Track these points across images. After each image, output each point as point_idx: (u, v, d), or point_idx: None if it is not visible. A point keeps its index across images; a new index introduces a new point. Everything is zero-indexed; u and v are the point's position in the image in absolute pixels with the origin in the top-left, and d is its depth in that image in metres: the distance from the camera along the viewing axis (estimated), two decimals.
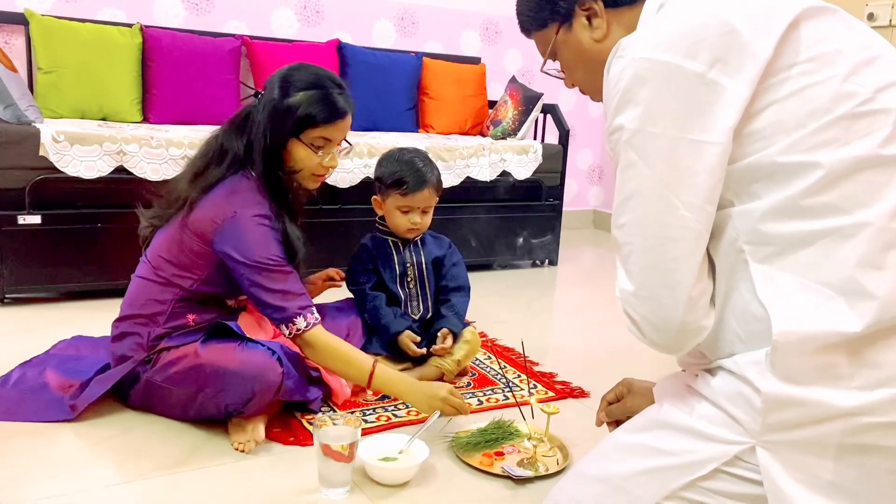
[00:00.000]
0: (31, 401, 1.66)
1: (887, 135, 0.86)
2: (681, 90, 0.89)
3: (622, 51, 0.94)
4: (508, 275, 3.37)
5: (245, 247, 1.55)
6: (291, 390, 1.59)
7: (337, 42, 3.54)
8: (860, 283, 0.84)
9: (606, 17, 1.05)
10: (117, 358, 1.66)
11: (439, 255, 2.06)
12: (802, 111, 0.88)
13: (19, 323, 2.30)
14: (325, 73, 1.65)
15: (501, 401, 1.86)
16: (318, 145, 1.63)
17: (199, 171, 1.64)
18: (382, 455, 1.47)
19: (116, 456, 1.50)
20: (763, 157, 0.89)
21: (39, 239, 2.42)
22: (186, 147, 2.55)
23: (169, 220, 1.66)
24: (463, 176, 3.18)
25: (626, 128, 0.92)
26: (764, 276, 0.89)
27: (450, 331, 1.96)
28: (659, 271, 0.93)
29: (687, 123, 0.89)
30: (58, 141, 2.37)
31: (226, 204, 1.57)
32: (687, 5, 0.94)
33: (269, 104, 1.60)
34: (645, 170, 0.92)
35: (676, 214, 0.91)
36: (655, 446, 1.00)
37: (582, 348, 2.38)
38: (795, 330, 0.85)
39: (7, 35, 3.02)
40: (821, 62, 0.89)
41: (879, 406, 0.83)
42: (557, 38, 1.10)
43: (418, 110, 3.76)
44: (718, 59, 0.88)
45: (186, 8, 3.37)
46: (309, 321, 1.57)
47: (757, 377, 0.89)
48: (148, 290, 1.64)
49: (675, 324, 0.93)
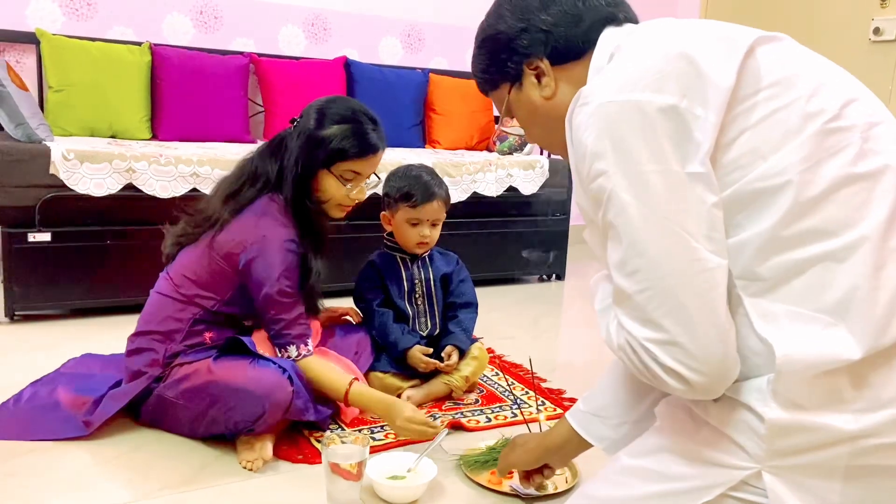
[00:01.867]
0: (45, 419, 1.66)
1: (857, 151, 0.86)
2: (657, 124, 0.87)
3: (584, 98, 0.92)
4: (515, 290, 3.37)
5: (268, 272, 1.59)
6: (301, 410, 1.59)
7: (344, 59, 3.57)
8: (857, 307, 0.83)
9: (554, 74, 1.06)
10: (132, 373, 1.66)
11: (447, 272, 2.07)
12: (775, 134, 0.87)
13: (29, 340, 2.31)
14: (361, 107, 1.70)
15: (510, 418, 1.86)
16: (348, 178, 1.67)
17: (233, 192, 1.66)
18: (391, 473, 1.47)
19: (124, 474, 1.50)
20: (743, 185, 0.88)
21: (49, 256, 2.43)
22: (195, 164, 2.57)
23: (198, 239, 1.67)
24: (470, 191, 3.19)
25: (609, 172, 0.89)
26: (759, 310, 0.88)
27: (455, 347, 1.96)
28: (687, 309, 0.87)
29: (672, 156, 0.87)
30: (68, 159, 2.39)
31: (255, 227, 1.60)
32: (641, 47, 0.95)
33: (303, 133, 1.64)
34: (644, 210, 0.87)
35: (689, 247, 0.86)
36: (661, 471, 0.99)
37: (590, 364, 2.37)
38: (798, 357, 0.84)
39: (18, 54, 3.05)
40: (783, 86, 0.89)
41: (884, 427, 0.83)
42: (510, 98, 1.11)
43: (425, 126, 3.78)
44: (688, 89, 0.87)
45: (195, 26, 3.40)
46: (301, 352, 1.64)
47: (759, 404, 0.88)
48: (167, 307, 1.65)
49: (716, 359, 0.87)
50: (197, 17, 3.40)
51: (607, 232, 0.92)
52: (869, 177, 0.86)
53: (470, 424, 1.81)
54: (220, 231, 1.62)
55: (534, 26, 1.04)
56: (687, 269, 0.87)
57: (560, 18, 1.03)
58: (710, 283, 0.87)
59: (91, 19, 3.17)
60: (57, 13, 3.10)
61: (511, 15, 1.06)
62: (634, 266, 0.89)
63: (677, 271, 0.87)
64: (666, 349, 0.87)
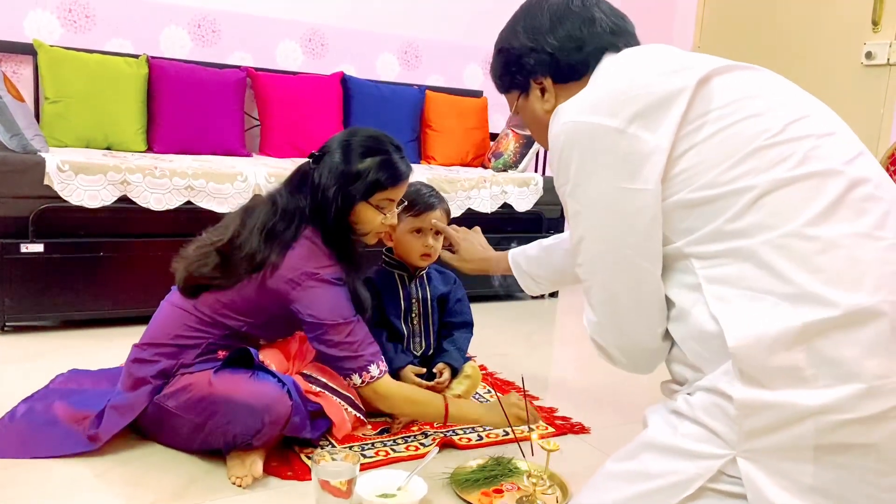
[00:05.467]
0: (44, 435, 1.64)
1: (800, 158, 0.96)
2: (605, 145, 1.02)
3: (557, 114, 1.09)
4: (509, 307, 3.37)
5: (323, 307, 1.60)
6: (298, 426, 1.59)
7: (341, 75, 3.59)
8: (799, 287, 0.91)
9: (555, 91, 1.21)
10: (136, 379, 1.61)
11: (444, 292, 2.06)
12: (720, 151, 0.99)
13: (20, 351, 2.29)
14: (384, 136, 1.75)
15: (501, 436, 1.85)
16: (383, 206, 1.71)
17: (272, 230, 1.62)
18: (381, 491, 1.46)
19: (113, 488, 1.49)
20: (686, 194, 0.99)
21: (42, 267, 2.43)
22: (190, 177, 2.57)
23: (236, 285, 1.61)
24: (464, 208, 3.20)
25: (568, 181, 1.07)
26: (715, 294, 0.98)
27: (448, 365, 1.96)
28: (614, 302, 1.09)
29: (616, 174, 1.02)
30: (62, 170, 2.39)
31: (302, 264, 1.60)
32: (611, 74, 1.11)
33: (335, 168, 1.66)
34: (587, 217, 1.07)
35: (620, 253, 1.05)
36: (642, 471, 1.02)
37: (582, 382, 2.37)
38: (747, 335, 0.92)
39: (15, 65, 3.06)
40: (734, 107, 1.01)
41: (846, 402, 0.87)
42: (519, 103, 1.29)
43: (421, 142, 3.80)
44: (638, 115, 1.00)
45: (193, 39, 3.41)
46: (381, 368, 1.64)
47: (727, 386, 0.94)
48: (183, 321, 1.62)
49: (636, 347, 1.10)
50: (195, 31, 3.41)
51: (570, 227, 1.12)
52: (811, 177, 0.95)
53: (461, 442, 1.80)
54: (271, 275, 1.59)
55: (541, 48, 1.19)
56: (616, 267, 1.07)
57: (565, 43, 1.17)
58: (636, 280, 1.05)
59: (89, 31, 3.18)
60: (55, 25, 3.11)
61: (524, 33, 1.21)
62: (580, 260, 1.11)
63: (609, 269, 1.08)
64: (598, 331, 1.14)
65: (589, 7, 1.18)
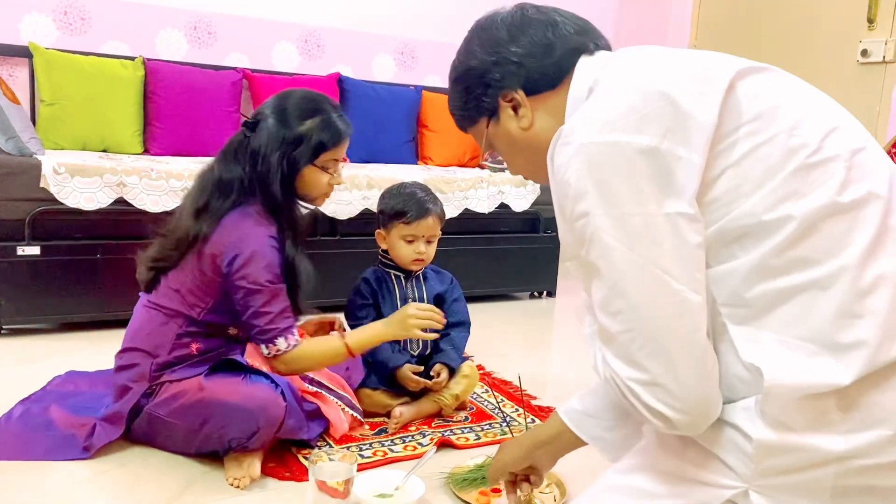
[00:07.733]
0: (42, 439, 1.64)
1: (841, 181, 0.86)
2: (639, 166, 0.87)
3: (566, 138, 0.92)
4: (507, 306, 3.37)
5: (252, 267, 1.58)
6: (294, 428, 1.59)
7: (337, 75, 3.59)
8: (842, 336, 0.83)
9: (530, 104, 1.06)
10: (119, 388, 1.64)
11: (441, 291, 2.06)
12: (757, 172, 0.87)
13: (17, 354, 2.29)
14: (320, 95, 1.72)
15: (499, 435, 1.85)
16: (329, 167, 1.69)
17: (202, 206, 1.63)
18: (378, 492, 1.46)
19: (111, 491, 1.49)
20: (727, 222, 0.88)
21: (38, 270, 2.42)
22: (186, 179, 2.57)
23: (178, 263, 1.64)
24: (461, 208, 3.20)
25: (592, 214, 0.88)
26: (745, 337, 0.88)
27: (445, 365, 1.96)
28: (669, 352, 0.87)
29: (653, 198, 0.87)
30: (59, 173, 2.39)
31: (236, 228, 1.60)
32: (620, 84, 0.94)
33: (275, 134, 1.63)
34: (626, 252, 0.87)
35: (671, 290, 0.87)
36: (647, 489, 0.99)
37: (580, 381, 2.35)
38: (786, 380, 0.84)
39: (11, 68, 3.05)
40: (764, 120, 0.89)
41: (870, 448, 0.83)
42: (489, 132, 1.12)
43: (418, 143, 3.80)
44: (668, 130, 0.87)
45: (189, 41, 3.41)
46: (290, 343, 1.62)
47: (747, 424, 0.88)
48: (152, 321, 1.64)
49: (698, 400, 0.88)
50: (191, 33, 3.41)
51: (591, 271, 0.92)
52: (853, 206, 0.86)
53: (459, 442, 1.80)
54: (206, 243, 1.60)
55: (505, 59, 1.05)
56: (669, 312, 0.87)
57: (531, 49, 1.04)
58: (693, 325, 0.87)
59: (85, 34, 3.18)
60: (51, 27, 3.11)
61: (481, 50, 1.08)
62: (617, 307, 0.89)
63: (660, 314, 0.87)
64: (649, 389, 0.88)
65: (546, 12, 1.08)
